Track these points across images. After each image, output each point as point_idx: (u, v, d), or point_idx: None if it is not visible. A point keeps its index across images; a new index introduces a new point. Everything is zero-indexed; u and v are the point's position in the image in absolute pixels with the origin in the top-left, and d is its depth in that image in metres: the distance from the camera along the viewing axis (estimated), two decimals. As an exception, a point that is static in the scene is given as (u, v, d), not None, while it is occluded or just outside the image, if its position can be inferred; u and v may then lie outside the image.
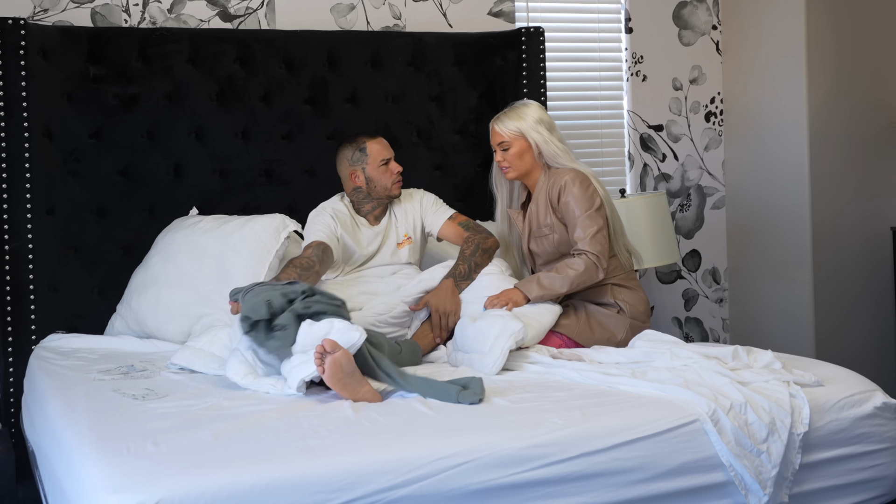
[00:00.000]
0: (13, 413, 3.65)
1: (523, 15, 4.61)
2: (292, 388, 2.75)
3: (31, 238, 3.67)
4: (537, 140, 3.51)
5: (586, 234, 3.40)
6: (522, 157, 3.53)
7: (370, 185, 3.61)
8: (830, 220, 4.57)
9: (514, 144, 3.52)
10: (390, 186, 3.62)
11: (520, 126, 3.52)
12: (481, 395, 2.68)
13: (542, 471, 2.38)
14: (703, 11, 4.93)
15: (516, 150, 3.52)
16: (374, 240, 3.64)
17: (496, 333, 3.05)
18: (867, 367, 3.86)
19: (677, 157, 4.91)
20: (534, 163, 3.54)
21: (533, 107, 3.58)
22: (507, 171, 3.55)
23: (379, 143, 3.63)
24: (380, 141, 3.64)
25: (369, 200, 3.64)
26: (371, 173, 3.60)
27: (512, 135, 3.52)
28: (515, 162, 3.53)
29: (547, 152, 3.52)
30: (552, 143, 3.51)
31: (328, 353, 2.67)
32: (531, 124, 3.51)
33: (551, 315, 3.35)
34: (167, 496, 2.08)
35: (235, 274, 3.61)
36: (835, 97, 4.57)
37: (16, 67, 3.64)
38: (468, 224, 3.67)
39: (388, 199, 3.66)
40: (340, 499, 2.21)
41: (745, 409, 2.62)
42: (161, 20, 4.04)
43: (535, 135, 3.51)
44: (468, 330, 3.16)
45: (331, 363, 2.66)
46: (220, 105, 3.97)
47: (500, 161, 3.56)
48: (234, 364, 2.93)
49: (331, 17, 4.28)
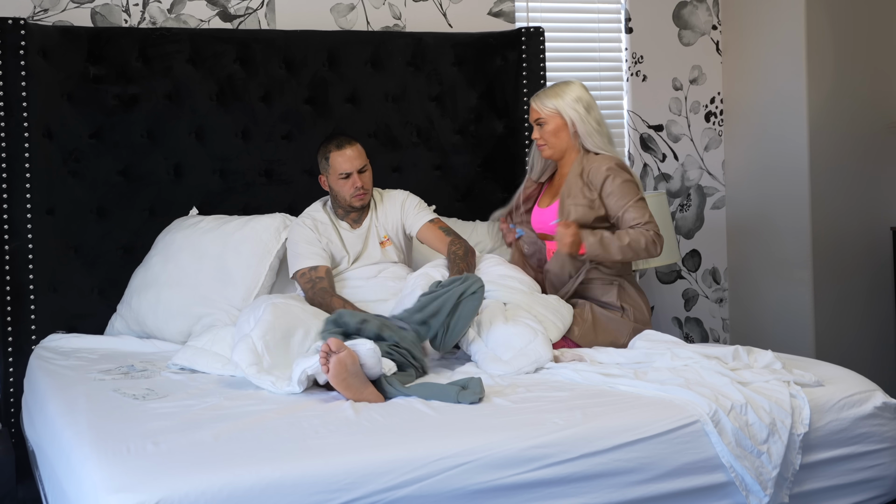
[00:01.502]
0: (13, 413, 3.65)
1: (523, 15, 4.61)
2: (293, 382, 2.75)
3: (31, 238, 3.67)
4: (573, 118, 3.49)
5: (643, 216, 3.40)
6: (558, 135, 3.52)
7: (332, 193, 3.63)
8: (830, 220, 4.57)
9: (550, 121, 3.52)
10: (349, 199, 3.60)
11: (556, 104, 3.51)
12: (481, 395, 2.68)
13: (542, 471, 2.38)
14: (703, 11, 4.93)
15: (552, 127, 3.52)
16: (357, 242, 3.63)
17: (520, 348, 3.04)
18: (867, 367, 3.85)
19: (677, 157, 4.91)
20: (569, 142, 3.53)
21: (574, 85, 3.56)
22: (542, 147, 3.55)
23: (342, 156, 3.57)
24: (344, 153, 3.57)
25: (341, 205, 3.65)
26: (332, 184, 3.61)
27: (548, 111, 3.52)
28: (551, 139, 3.52)
29: (582, 131, 3.50)
30: (588, 122, 3.50)
31: (333, 352, 2.67)
32: (569, 102, 3.51)
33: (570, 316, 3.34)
34: (167, 496, 2.08)
35: (236, 274, 3.62)
36: (835, 97, 4.57)
37: (16, 67, 3.64)
38: (448, 230, 3.64)
39: (352, 209, 3.64)
40: (340, 499, 2.21)
41: (746, 410, 2.62)
42: (161, 20, 4.04)
43: (572, 112, 3.49)
44: (497, 329, 3.12)
45: (335, 362, 2.66)
46: (220, 105, 3.97)
47: (536, 138, 3.56)
48: (243, 351, 2.92)
49: (331, 17, 4.28)
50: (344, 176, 3.57)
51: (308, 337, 3.07)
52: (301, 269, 3.50)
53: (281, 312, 3.10)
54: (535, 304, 3.27)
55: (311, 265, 3.48)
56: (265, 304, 3.15)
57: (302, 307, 3.23)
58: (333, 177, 3.59)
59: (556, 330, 3.23)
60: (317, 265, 3.47)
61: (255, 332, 3.00)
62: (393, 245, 3.65)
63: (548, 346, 3.08)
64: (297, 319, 3.12)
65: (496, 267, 3.49)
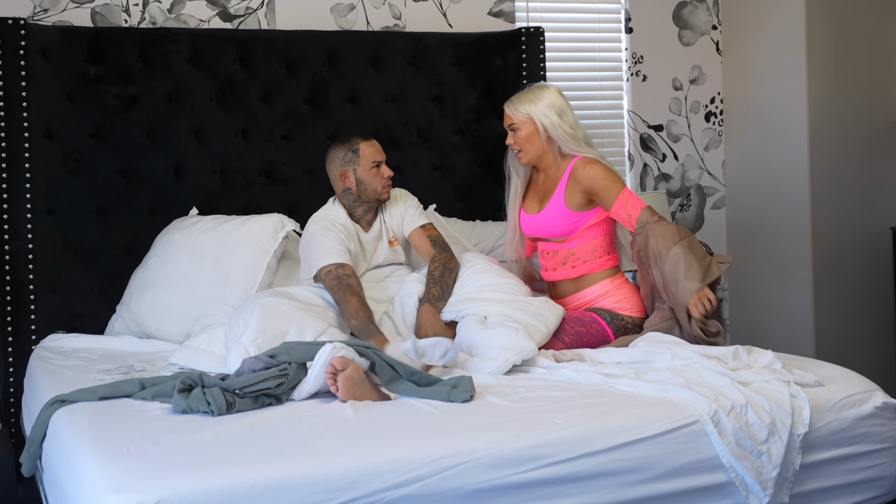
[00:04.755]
0: (13, 413, 3.65)
1: (523, 15, 4.61)
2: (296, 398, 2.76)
3: (31, 238, 3.67)
4: (545, 124, 3.49)
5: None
6: (531, 141, 3.51)
7: (360, 187, 3.56)
8: (830, 220, 4.57)
9: (522, 127, 3.52)
10: (380, 190, 3.56)
11: (529, 109, 3.50)
12: (472, 392, 2.68)
13: (542, 471, 2.38)
14: (703, 11, 4.93)
15: (525, 133, 3.51)
16: (371, 245, 3.61)
17: (504, 346, 3.04)
18: (867, 367, 3.85)
19: (677, 157, 4.91)
20: (543, 147, 3.53)
21: (549, 90, 3.55)
22: (519, 155, 3.54)
23: (372, 146, 3.57)
24: (373, 143, 3.58)
25: (360, 204, 3.59)
26: (362, 175, 3.54)
27: (521, 117, 3.51)
28: (525, 145, 3.52)
29: (556, 136, 3.50)
30: (561, 127, 3.49)
31: (339, 370, 2.68)
32: (541, 108, 3.49)
33: (556, 318, 3.34)
34: (167, 496, 2.08)
35: (234, 274, 3.61)
36: (834, 97, 4.57)
37: (16, 67, 3.64)
38: (436, 241, 3.58)
39: (377, 203, 3.62)
40: (340, 499, 2.21)
41: (746, 410, 2.62)
42: (161, 20, 4.04)
43: (544, 118, 3.49)
44: (477, 335, 3.13)
45: (343, 380, 2.67)
46: (220, 105, 3.97)
47: (510, 143, 3.56)
48: (237, 358, 2.94)
49: (331, 17, 4.28)
50: (376, 164, 3.55)
51: (302, 334, 3.07)
52: (327, 266, 3.38)
53: (269, 313, 3.10)
54: (515, 312, 3.26)
55: (338, 262, 3.40)
56: (252, 306, 3.14)
57: (290, 304, 3.18)
58: (364, 167, 3.54)
59: (538, 333, 3.21)
60: (344, 263, 3.42)
61: (246, 337, 3.01)
62: (399, 245, 3.65)
63: (530, 339, 3.08)
64: (287, 317, 3.11)
65: (478, 276, 3.45)
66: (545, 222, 3.52)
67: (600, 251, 3.51)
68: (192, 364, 3.15)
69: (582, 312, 3.45)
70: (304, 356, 2.76)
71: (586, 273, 3.50)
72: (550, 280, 3.59)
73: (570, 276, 3.53)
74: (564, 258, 3.52)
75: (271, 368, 2.71)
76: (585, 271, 3.50)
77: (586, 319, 3.41)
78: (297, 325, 3.09)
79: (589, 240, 3.50)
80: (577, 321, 3.40)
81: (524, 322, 3.21)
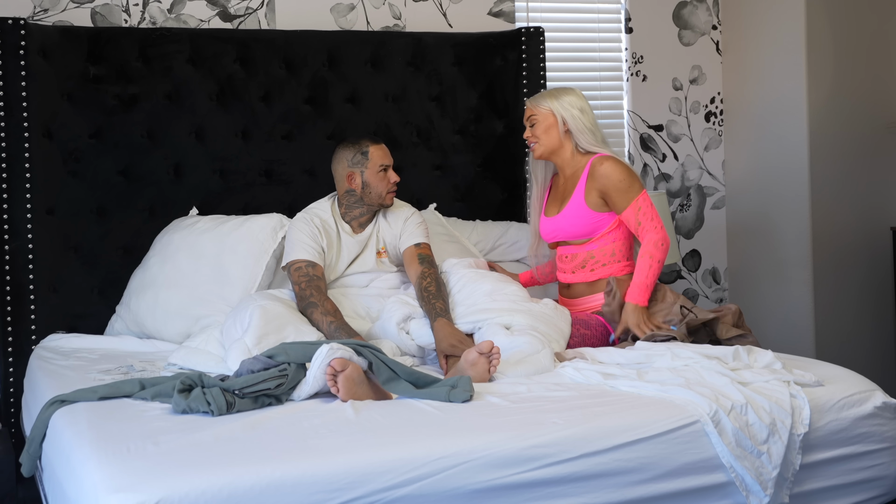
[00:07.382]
0: (13, 413, 3.65)
1: (523, 15, 4.61)
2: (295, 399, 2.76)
3: (31, 238, 3.67)
4: (565, 116, 3.50)
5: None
6: (549, 132, 3.52)
7: (365, 190, 3.54)
8: (830, 220, 4.57)
9: (542, 119, 3.52)
10: (384, 195, 3.54)
11: (551, 104, 3.53)
12: (471, 392, 2.68)
13: (542, 471, 2.38)
14: (703, 11, 4.93)
15: (543, 125, 3.52)
16: (354, 248, 3.57)
17: (529, 353, 3.03)
18: (867, 367, 3.86)
19: (677, 157, 4.91)
20: (559, 141, 3.53)
21: (572, 91, 3.58)
22: (534, 146, 3.55)
23: (381, 150, 3.56)
24: (382, 147, 3.57)
25: (360, 206, 3.56)
26: (369, 178, 3.53)
27: (541, 110, 3.53)
28: (542, 136, 3.52)
29: (574, 128, 3.50)
30: (580, 120, 3.50)
31: (339, 371, 2.67)
32: (563, 103, 3.52)
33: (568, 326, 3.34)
34: (167, 496, 2.08)
35: (233, 274, 3.61)
36: (834, 97, 4.57)
37: (16, 67, 3.64)
38: (425, 259, 3.51)
39: (380, 208, 3.60)
40: (340, 498, 2.21)
41: (746, 410, 2.62)
42: (161, 20, 4.04)
43: (564, 111, 3.50)
44: (503, 341, 3.09)
45: (343, 381, 2.67)
46: (220, 105, 3.97)
47: (527, 136, 3.56)
48: (239, 356, 2.96)
49: (331, 17, 4.28)
50: (383, 168, 3.54)
51: (300, 335, 3.08)
52: (298, 261, 3.40)
53: (272, 317, 3.13)
54: (539, 324, 3.23)
55: (309, 260, 3.42)
56: (252, 308, 3.16)
57: (285, 305, 3.24)
58: (372, 170, 3.53)
59: (558, 346, 3.23)
60: (315, 263, 3.43)
61: (249, 338, 3.02)
62: (388, 257, 3.61)
63: (552, 359, 3.06)
64: (285, 318, 3.14)
65: (477, 284, 3.41)
66: (565, 222, 3.51)
67: (619, 255, 3.50)
68: (191, 364, 3.15)
69: (588, 315, 3.45)
70: (302, 356, 2.76)
71: (603, 277, 3.50)
72: (566, 282, 3.59)
73: (587, 280, 3.52)
74: (584, 261, 3.51)
75: (270, 369, 2.71)
76: (603, 275, 3.50)
77: (592, 322, 3.42)
78: (293, 326, 3.13)
79: (608, 243, 3.50)
80: (583, 324, 3.40)
81: (547, 335, 3.19)
